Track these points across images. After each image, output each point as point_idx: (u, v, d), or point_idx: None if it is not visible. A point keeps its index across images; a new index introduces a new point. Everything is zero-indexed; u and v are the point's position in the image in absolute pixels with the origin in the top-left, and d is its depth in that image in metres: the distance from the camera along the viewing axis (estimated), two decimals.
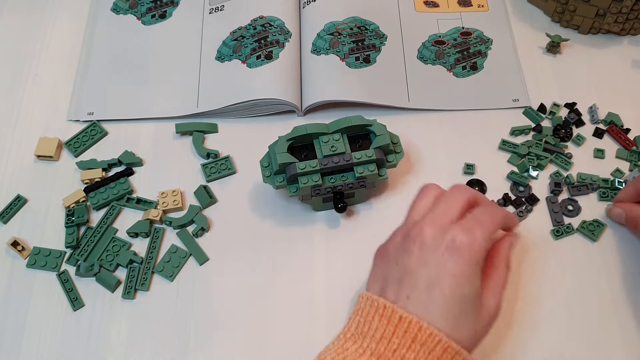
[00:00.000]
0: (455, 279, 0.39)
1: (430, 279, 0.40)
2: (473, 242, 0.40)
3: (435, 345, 0.38)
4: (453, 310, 0.39)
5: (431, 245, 0.41)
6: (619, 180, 0.56)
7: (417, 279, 0.40)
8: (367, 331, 0.40)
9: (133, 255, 0.53)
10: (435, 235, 0.41)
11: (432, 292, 0.39)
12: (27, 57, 0.66)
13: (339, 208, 0.52)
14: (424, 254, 0.41)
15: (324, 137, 0.50)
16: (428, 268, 0.40)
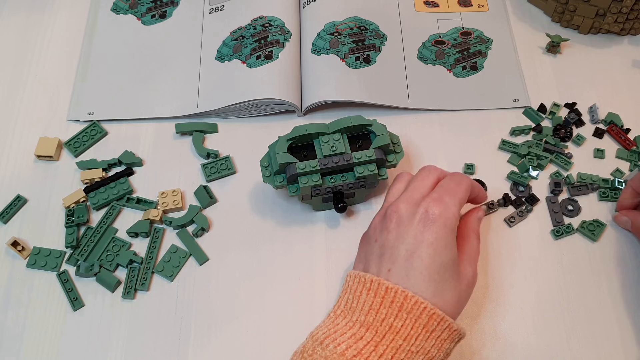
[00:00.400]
0: (433, 246, 0.42)
1: (409, 250, 0.42)
2: (444, 210, 0.43)
3: (421, 312, 0.40)
4: (433, 276, 0.41)
5: (407, 220, 0.43)
6: (619, 180, 0.56)
7: (397, 252, 0.43)
8: (355, 306, 0.42)
9: (133, 255, 0.53)
10: (409, 210, 0.44)
11: (412, 261, 0.42)
12: (27, 57, 0.66)
13: (339, 208, 0.52)
14: (401, 228, 0.43)
15: (324, 137, 0.50)
16: (406, 241, 0.43)
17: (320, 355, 0.39)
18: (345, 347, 0.39)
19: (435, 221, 0.43)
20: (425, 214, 0.43)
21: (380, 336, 0.40)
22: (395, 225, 0.44)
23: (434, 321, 0.40)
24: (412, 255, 0.42)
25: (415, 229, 0.43)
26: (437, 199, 0.44)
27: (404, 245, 0.42)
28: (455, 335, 0.42)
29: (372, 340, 0.40)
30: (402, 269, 0.42)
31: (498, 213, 0.56)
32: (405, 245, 0.42)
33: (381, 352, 0.39)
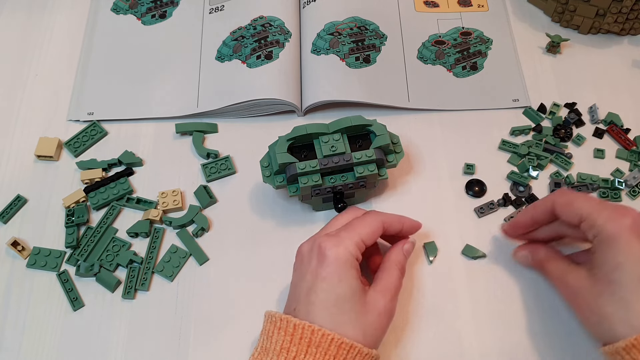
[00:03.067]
0: (326, 281, 0.43)
1: (307, 287, 0.44)
2: (337, 244, 0.44)
3: (329, 344, 0.41)
4: (330, 309, 0.42)
5: (307, 259, 0.46)
6: (619, 180, 0.56)
7: (300, 291, 0.44)
8: (269, 346, 0.42)
9: (133, 255, 0.53)
10: (309, 248, 0.46)
11: (309, 298, 0.43)
12: (27, 57, 0.66)
13: (339, 208, 0.52)
14: (303, 267, 0.46)
15: (324, 137, 0.50)
16: (305, 279, 0.44)
17: None
18: None
19: (328, 256, 0.44)
20: (318, 250, 0.45)
21: None
22: (298, 264, 0.47)
23: (343, 350, 0.41)
24: (309, 291, 0.43)
25: (312, 267, 0.44)
26: (333, 235, 0.45)
27: (304, 283, 0.44)
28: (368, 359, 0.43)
29: None
30: (303, 305, 0.43)
31: (498, 213, 0.56)
32: (304, 283, 0.44)
33: None
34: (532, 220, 0.49)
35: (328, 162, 0.50)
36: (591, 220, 0.43)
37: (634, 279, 0.40)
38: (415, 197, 0.57)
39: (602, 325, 0.41)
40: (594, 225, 0.43)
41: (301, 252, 0.47)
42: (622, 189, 0.56)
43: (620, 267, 0.41)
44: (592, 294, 0.42)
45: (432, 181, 0.58)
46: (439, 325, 0.50)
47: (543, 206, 0.48)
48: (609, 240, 0.42)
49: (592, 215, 0.43)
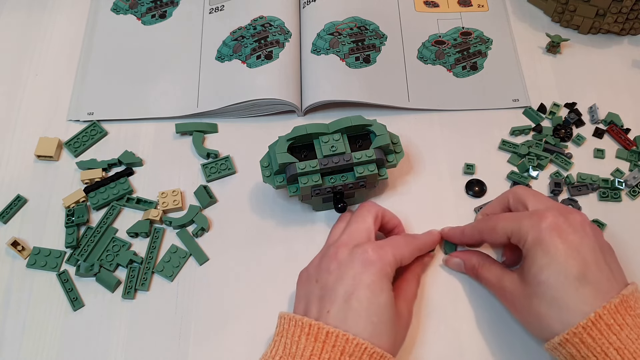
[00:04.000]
0: (370, 289, 0.43)
1: (347, 292, 0.43)
2: (383, 256, 0.45)
3: (362, 353, 0.41)
4: (371, 317, 0.42)
5: (346, 262, 0.45)
6: (619, 180, 0.56)
7: (336, 294, 0.43)
8: (295, 351, 0.41)
9: (133, 255, 0.53)
10: (349, 252, 0.46)
11: (350, 303, 0.43)
12: (27, 57, 0.66)
13: (339, 208, 0.52)
14: (341, 270, 0.45)
15: (324, 137, 0.50)
16: (345, 282, 0.44)
17: None
18: None
19: (374, 264, 0.44)
20: (364, 257, 0.44)
21: None
22: (335, 266, 0.45)
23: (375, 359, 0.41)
24: (351, 297, 0.43)
25: (354, 271, 0.44)
26: (378, 246, 0.46)
27: (343, 287, 0.43)
28: None
29: None
30: (341, 310, 0.43)
31: None
32: (344, 287, 0.43)
33: None
34: (461, 242, 0.53)
35: (328, 162, 0.50)
36: (516, 234, 0.45)
37: (560, 277, 0.42)
38: (415, 197, 0.57)
39: (539, 324, 0.43)
40: (520, 237, 0.45)
41: (338, 254, 0.46)
42: (622, 189, 0.56)
43: (545, 268, 0.43)
44: (525, 297, 0.44)
45: (432, 181, 0.58)
46: (439, 325, 0.50)
47: (470, 234, 0.51)
48: (534, 245, 0.44)
49: (515, 230, 0.46)
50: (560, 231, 0.43)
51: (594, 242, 0.44)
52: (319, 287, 0.45)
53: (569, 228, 0.44)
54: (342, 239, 0.47)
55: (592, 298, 0.41)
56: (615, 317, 0.40)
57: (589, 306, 0.41)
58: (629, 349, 0.39)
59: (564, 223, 0.44)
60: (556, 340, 0.42)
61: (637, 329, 0.40)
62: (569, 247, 0.43)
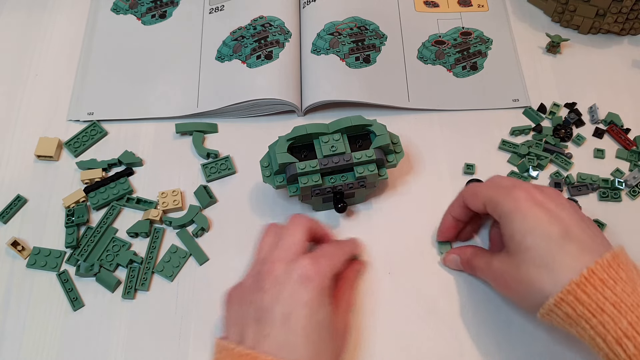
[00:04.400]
0: (308, 306, 0.42)
1: (285, 312, 0.41)
2: (319, 270, 0.43)
3: None
4: (312, 336, 0.41)
5: (283, 279, 0.43)
6: (619, 180, 0.56)
7: (274, 315, 0.41)
8: None
9: (133, 255, 0.53)
10: (285, 269, 0.43)
11: (289, 324, 0.41)
12: (27, 57, 0.66)
13: (339, 208, 0.52)
14: (277, 288, 0.42)
15: (324, 137, 0.50)
16: (282, 302, 0.42)
17: None
18: None
19: (312, 281, 0.42)
20: (301, 272, 0.43)
21: None
22: (271, 285, 0.43)
23: None
24: (289, 317, 0.41)
25: (291, 289, 0.42)
26: (314, 260, 0.44)
27: (280, 307, 0.41)
28: None
29: None
30: (280, 332, 0.40)
31: None
32: (281, 307, 0.41)
33: None
34: (454, 219, 0.52)
35: (328, 162, 0.50)
36: (492, 203, 0.46)
37: (544, 239, 0.42)
38: (415, 197, 0.57)
39: (532, 292, 0.42)
40: (496, 206, 0.46)
41: (274, 272, 0.43)
42: (622, 189, 0.56)
43: (530, 232, 0.43)
44: (514, 267, 0.44)
45: (432, 181, 0.58)
46: (439, 325, 0.50)
47: (457, 204, 0.51)
48: (512, 214, 0.44)
49: (491, 198, 0.46)
50: (537, 201, 0.44)
51: (572, 209, 0.44)
52: (253, 308, 0.42)
53: (545, 199, 0.44)
54: (276, 254, 0.44)
55: (579, 254, 0.41)
56: (609, 272, 0.40)
57: (577, 262, 0.41)
58: (625, 303, 0.39)
59: (540, 194, 0.44)
60: (551, 301, 0.41)
61: (632, 282, 0.40)
62: (547, 213, 0.43)
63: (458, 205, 0.51)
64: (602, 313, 0.39)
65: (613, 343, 0.38)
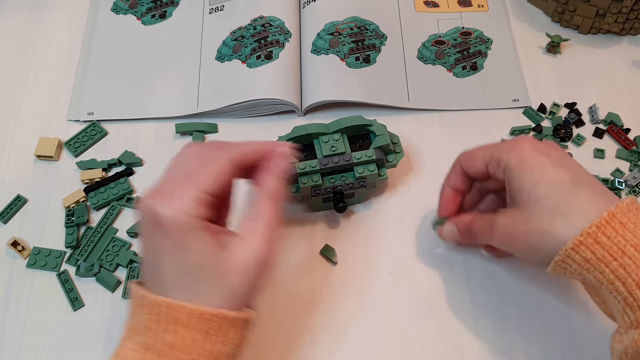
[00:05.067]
0: (168, 253, 0.37)
1: (151, 261, 0.38)
2: (172, 207, 0.36)
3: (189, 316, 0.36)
4: (182, 282, 0.37)
5: (144, 224, 0.38)
6: (619, 180, 0.56)
7: (147, 262, 0.39)
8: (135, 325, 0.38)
9: (133, 255, 0.53)
10: (143, 210, 0.37)
11: (158, 272, 0.37)
12: (27, 57, 0.66)
13: (339, 208, 0.52)
14: (143, 233, 0.38)
15: (324, 137, 0.50)
16: (147, 249, 0.38)
17: None
18: None
19: (164, 226, 0.36)
20: (151, 217, 0.37)
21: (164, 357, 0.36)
22: (142, 228, 0.38)
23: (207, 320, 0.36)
24: (155, 266, 0.38)
25: (149, 236, 0.38)
26: (166, 193, 0.37)
27: (147, 254, 0.38)
28: (239, 323, 0.38)
29: None
30: (155, 280, 0.38)
31: None
32: (147, 254, 0.38)
33: None
34: (453, 190, 0.49)
35: (328, 162, 0.50)
36: (495, 159, 0.44)
37: (555, 187, 0.41)
38: (416, 197, 0.57)
39: (545, 242, 0.41)
40: (499, 161, 0.44)
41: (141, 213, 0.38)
42: (622, 189, 0.56)
43: (539, 182, 0.41)
44: (525, 219, 0.42)
45: (432, 181, 0.58)
46: (439, 325, 0.50)
47: (454, 173, 0.49)
48: (519, 166, 0.42)
49: (493, 154, 0.45)
50: (541, 151, 0.43)
51: (572, 159, 0.44)
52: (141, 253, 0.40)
53: (548, 148, 0.43)
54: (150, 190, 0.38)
55: (593, 198, 0.40)
56: (629, 216, 0.39)
57: (593, 205, 0.40)
58: None
59: (542, 145, 0.44)
60: (569, 245, 0.39)
61: None
62: (553, 161, 0.42)
63: (455, 174, 0.49)
64: (622, 255, 0.38)
65: (633, 286, 0.38)
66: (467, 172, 0.48)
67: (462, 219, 0.49)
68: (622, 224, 0.38)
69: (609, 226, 0.38)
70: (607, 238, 0.38)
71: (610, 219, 0.38)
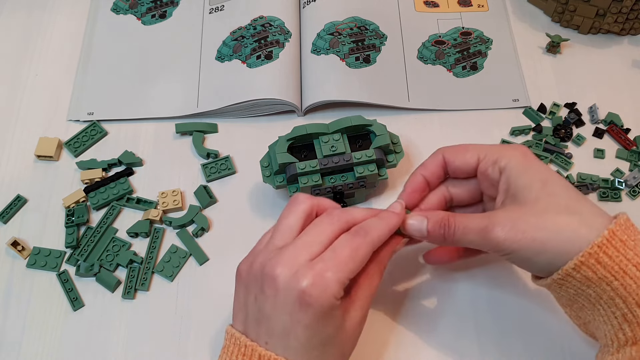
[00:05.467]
0: (309, 329, 0.38)
1: (285, 327, 0.39)
2: (323, 291, 0.38)
3: None
4: (311, 354, 0.39)
5: (283, 292, 0.38)
6: (619, 180, 0.56)
7: (274, 326, 0.39)
8: None
9: (133, 255, 0.53)
10: (287, 280, 0.38)
11: (288, 340, 0.39)
12: (27, 57, 0.66)
13: None
14: (278, 300, 0.39)
15: (324, 137, 0.50)
16: (283, 316, 0.39)
17: None
18: None
19: (312, 305, 0.38)
20: (301, 294, 0.38)
21: None
22: (272, 293, 0.39)
23: None
24: (289, 334, 0.39)
25: (291, 307, 0.38)
26: (318, 275, 0.38)
27: (281, 321, 0.39)
28: None
29: None
30: (279, 346, 0.39)
31: None
32: (281, 322, 0.39)
33: None
34: (424, 180, 0.46)
35: (328, 162, 0.50)
36: (491, 157, 0.43)
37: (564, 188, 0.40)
38: None
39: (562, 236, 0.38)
40: (497, 160, 0.43)
41: (275, 280, 0.39)
42: (622, 189, 0.56)
43: (550, 181, 0.41)
44: (537, 213, 0.39)
45: None
46: (438, 325, 0.50)
47: (434, 162, 0.46)
48: (524, 165, 0.42)
49: (489, 153, 0.43)
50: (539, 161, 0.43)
51: None
52: (257, 308, 0.40)
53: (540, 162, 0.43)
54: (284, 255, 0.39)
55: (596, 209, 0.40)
56: (628, 233, 0.38)
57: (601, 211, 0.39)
58: None
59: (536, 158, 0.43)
60: (570, 266, 0.38)
61: None
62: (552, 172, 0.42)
63: (434, 164, 0.46)
64: (624, 275, 0.37)
65: (633, 304, 0.37)
66: (451, 164, 0.45)
67: (436, 212, 0.44)
68: (622, 242, 0.38)
69: (610, 245, 0.38)
70: (609, 258, 0.37)
71: (611, 237, 0.38)
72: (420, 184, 0.46)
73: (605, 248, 0.37)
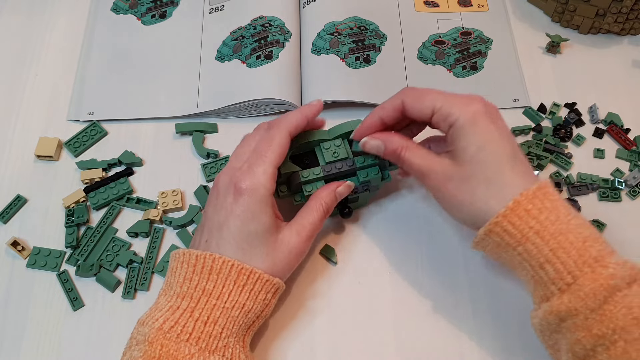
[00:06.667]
0: (239, 218, 0.44)
1: (220, 222, 0.45)
2: (251, 182, 0.44)
3: (229, 270, 0.43)
4: (241, 244, 0.44)
5: (223, 193, 0.46)
6: (619, 180, 0.56)
7: (212, 224, 0.45)
8: (173, 281, 0.45)
9: (133, 255, 0.53)
10: (225, 184, 0.46)
11: (222, 232, 0.45)
12: (27, 57, 0.66)
13: (345, 214, 0.52)
14: (218, 201, 0.46)
15: (325, 144, 0.50)
16: (219, 213, 0.45)
17: (141, 333, 0.42)
18: (162, 320, 0.42)
19: (243, 194, 0.44)
20: (235, 188, 0.45)
21: (195, 301, 0.43)
22: (214, 197, 0.46)
23: (243, 275, 0.43)
24: (222, 226, 0.44)
25: (228, 204, 0.45)
26: (246, 170, 0.45)
27: (217, 217, 0.45)
28: (270, 286, 0.44)
29: (187, 308, 0.42)
30: (214, 239, 0.45)
31: None
32: (218, 217, 0.45)
33: (197, 316, 0.42)
34: (381, 121, 0.48)
35: (331, 168, 0.49)
36: (444, 111, 0.44)
37: (497, 156, 0.43)
38: (419, 199, 0.57)
39: (475, 205, 0.43)
40: (449, 114, 0.44)
41: (217, 186, 0.46)
42: (622, 189, 0.56)
43: (484, 148, 0.43)
44: (461, 178, 0.43)
45: None
46: (439, 325, 0.50)
47: (391, 105, 0.47)
48: (468, 126, 0.43)
49: (444, 106, 0.44)
50: (491, 116, 0.44)
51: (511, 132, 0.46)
52: (204, 218, 0.47)
53: (495, 114, 0.45)
54: (224, 169, 0.47)
55: (526, 174, 0.43)
56: (534, 202, 0.41)
57: (524, 181, 0.42)
58: (548, 231, 0.41)
59: (492, 109, 0.45)
60: (481, 232, 0.43)
61: (556, 211, 0.41)
62: (500, 131, 0.44)
63: (392, 108, 0.47)
64: (526, 241, 0.41)
65: (537, 267, 0.41)
66: (408, 110, 0.47)
67: (392, 140, 0.47)
68: (526, 211, 0.41)
69: (514, 214, 0.41)
70: (512, 226, 0.41)
71: (515, 207, 0.41)
72: (375, 124, 0.48)
73: (510, 217, 0.41)
